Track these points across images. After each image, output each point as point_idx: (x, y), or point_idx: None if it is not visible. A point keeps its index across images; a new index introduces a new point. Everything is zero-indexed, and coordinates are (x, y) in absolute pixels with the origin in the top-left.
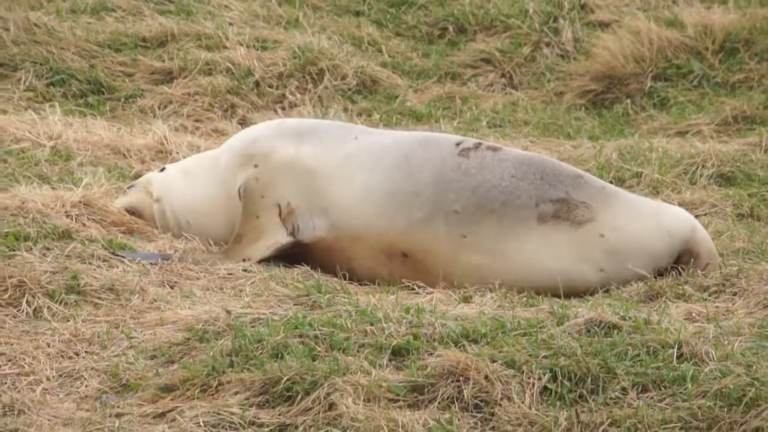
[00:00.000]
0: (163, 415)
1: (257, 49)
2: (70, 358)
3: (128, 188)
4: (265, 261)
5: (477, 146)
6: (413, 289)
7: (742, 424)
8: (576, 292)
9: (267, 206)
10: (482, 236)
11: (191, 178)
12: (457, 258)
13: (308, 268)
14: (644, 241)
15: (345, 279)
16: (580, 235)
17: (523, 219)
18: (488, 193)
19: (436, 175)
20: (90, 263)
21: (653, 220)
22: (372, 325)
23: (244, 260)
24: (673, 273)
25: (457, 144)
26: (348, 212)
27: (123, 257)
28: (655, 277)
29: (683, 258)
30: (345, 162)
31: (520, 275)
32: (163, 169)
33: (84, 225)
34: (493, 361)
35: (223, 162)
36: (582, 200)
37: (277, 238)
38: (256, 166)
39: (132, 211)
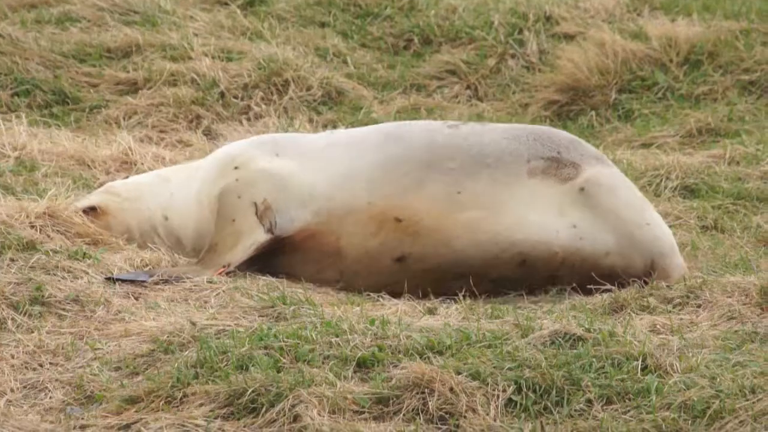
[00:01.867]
0: (127, 426)
1: (222, 60)
2: (35, 369)
3: (88, 194)
4: (245, 265)
5: (465, 123)
6: (378, 300)
7: None
8: (549, 250)
9: (243, 207)
10: (476, 192)
11: (167, 180)
12: (451, 215)
13: (273, 279)
14: (622, 213)
15: (310, 287)
16: (563, 190)
17: (515, 173)
18: (482, 151)
19: (428, 141)
20: (54, 274)
21: (639, 203)
22: (337, 336)
23: (224, 267)
24: (637, 285)
25: (445, 122)
26: (333, 193)
27: (116, 280)
28: (620, 288)
29: (654, 274)
30: (325, 149)
31: (510, 228)
32: (126, 178)
33: (48, 236)
34: (458, 373)
35: (204, 169)
36: (573, 161)
37: (255, 237)
38: (236, 168)
39: (91, 210)
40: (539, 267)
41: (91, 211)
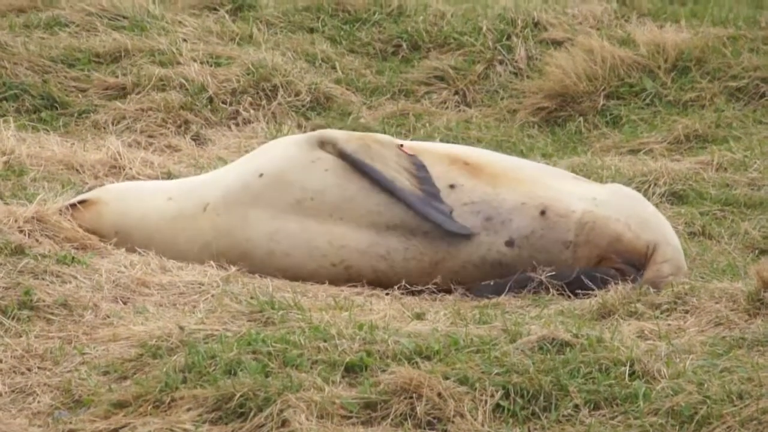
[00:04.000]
0: (115, 431)
1: (211, 65)
2: (23, 373)
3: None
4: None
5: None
6: (366, 305)
7: None
8: (568, 208)
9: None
10: (533, 170)
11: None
12: (507, 174)
13: (262, 282)
14: (641, 203)
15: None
16: (596, 185)
17: (564, 175)
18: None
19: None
20: (43, 279)
21: (657, 215)
22: (325, 341)
23: (400, 146)
24: (624, 290)
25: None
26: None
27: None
28: (616, 282)
29: (650, 261)
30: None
31: (543, 189)
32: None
33: (37, 241)
34: (446, 378)
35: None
36: None
37: (387, 138)
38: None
39: (75, 206)
40: (557, 221)
41: (75, 206)
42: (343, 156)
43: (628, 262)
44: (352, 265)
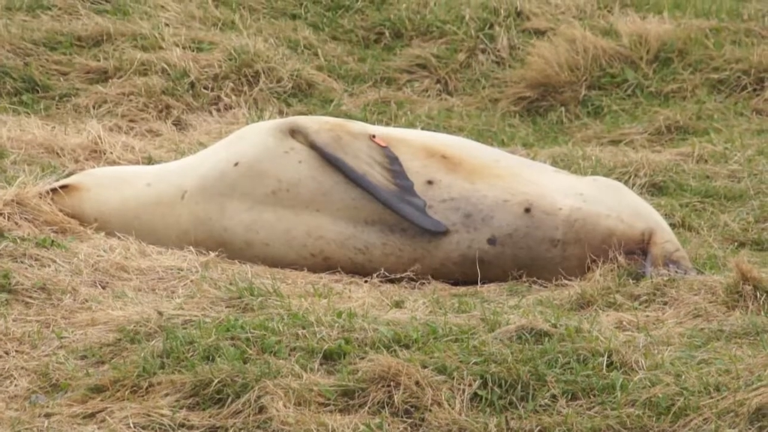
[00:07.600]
0: (92, 415)
1: (193, 51)
2: (0, 357)
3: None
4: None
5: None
6: (345, 292)
7: None
8: (553, 205)
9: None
10: (511, 163)
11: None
12: (486, 168)
13: (242, 268)
14: (627, 193)
15: None
16: (578, 178)
17: (544, 169)
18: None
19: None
20: (22, 262)
21: (644, 202)
22: (304, 328)
23: (372, 136)
24: (604, 281)
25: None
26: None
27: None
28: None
29: (649, 247)
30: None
31: (525, 184)
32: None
33: (16, 224)
34: (424, 367)
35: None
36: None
37: (361, 126)
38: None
39: (59, 190)
40: (542, 219)
41: (57, 191)
42: (314, 148)
43: (626, 252)
44: (331, 256)
